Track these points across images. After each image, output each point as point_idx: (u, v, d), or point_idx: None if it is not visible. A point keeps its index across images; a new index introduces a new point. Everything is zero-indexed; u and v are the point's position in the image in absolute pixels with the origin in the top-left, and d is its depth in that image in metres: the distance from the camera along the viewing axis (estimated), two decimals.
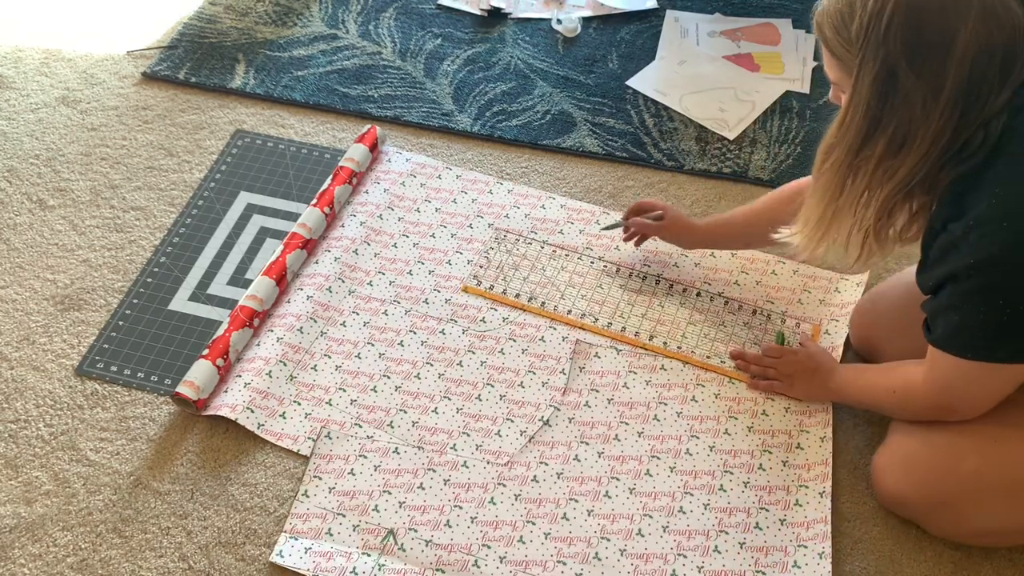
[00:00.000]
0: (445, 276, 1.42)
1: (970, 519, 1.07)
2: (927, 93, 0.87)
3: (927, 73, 0.86)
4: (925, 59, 0.86)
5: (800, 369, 1.24)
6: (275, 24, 1.86)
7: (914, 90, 0.87)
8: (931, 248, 0.95)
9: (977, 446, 1.03)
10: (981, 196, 0.88)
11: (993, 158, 0.88)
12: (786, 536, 1.13)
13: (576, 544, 1.13)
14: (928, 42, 0.86)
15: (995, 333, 0.92)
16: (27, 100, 1.70)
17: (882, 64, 0.88)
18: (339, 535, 1.14)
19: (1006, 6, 0.86)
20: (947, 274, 0.92)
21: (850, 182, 0.96)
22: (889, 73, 0.88)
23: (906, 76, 0.87)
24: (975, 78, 0.86)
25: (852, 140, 0.93)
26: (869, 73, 0.89)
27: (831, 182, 0.97)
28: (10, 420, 1.25)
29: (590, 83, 1.74)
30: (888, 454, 1.12)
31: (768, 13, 1.88)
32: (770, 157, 1.59)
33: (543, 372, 1.30)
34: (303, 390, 1.27)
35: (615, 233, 1.46)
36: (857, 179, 0.95)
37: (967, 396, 1.00)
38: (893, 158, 0.92)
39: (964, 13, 0.85)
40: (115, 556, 1.12)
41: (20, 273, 1.42)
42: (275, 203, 1.53)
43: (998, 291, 0.89)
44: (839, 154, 0.95)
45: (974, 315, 0.91)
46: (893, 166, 0.92)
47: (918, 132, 0.89)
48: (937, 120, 0.88)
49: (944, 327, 0.96)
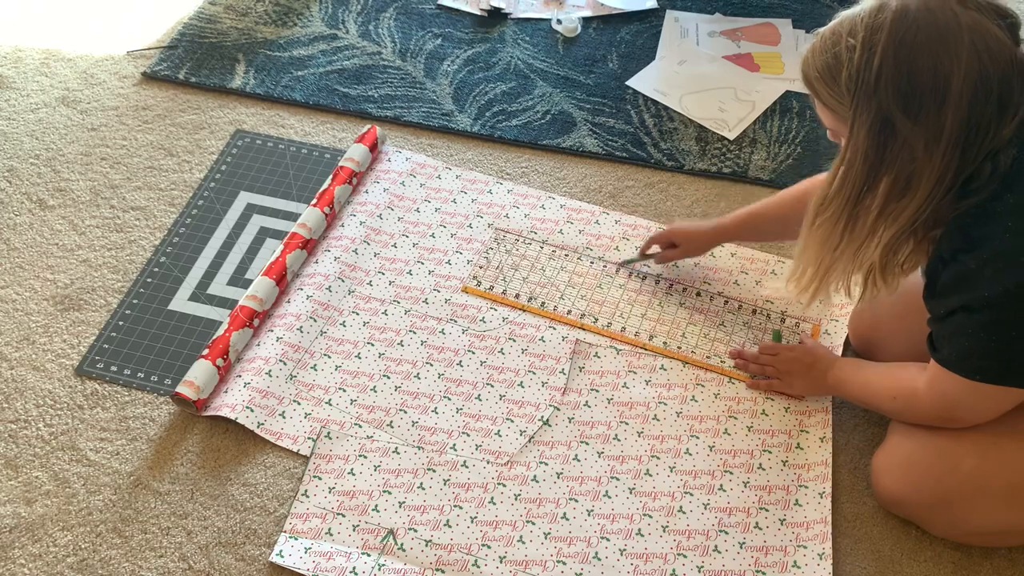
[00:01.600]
0: (445, 276, 1.42)
1: (969, 519, 1.07)
2: (927, 137, 0.85)
3: (925, 118, 0.85)
4: (922, 105, 0.85)
5: (797, 365, 1.24)
6: (275, 24, 1.86)
7: (913, 135, 0.86)
8: (939, 276, 0.94)
9: (976, 447, 1.03)
10: (994, 229, 0.87)
11: (1004, 190, 0.87)
12: (786, 536, 1.13)
13: (576, 544, 1.13)
14: (922, 87, 0.84)
15: (1006, 360, 0.92)
16: (27, 100, 1.70)
17: (876, 114, 0.86)
18: (339, 535, 1.14)
19: (996, 37, 0.84)
20: (960, 304, 0.91)
21: (849, 231, 0.94)
22: (884, 122, 0.86)
23: (903, 123, 0.86)
24: (975, 115, 0.84)
25: (851, 190, 0.91)
26: (864, 124, 0.87)
27: (829, 234, 0.95)
28: (10, 420, 1.25)
29: (590, 83, 1.74)
30: (887, 454, 1.12)
31: (768, 13, 1.88)
32: (770, 157, 1.59)
33: (543, 372, 1.30)
34: (303, 389, 1.27)
35: (616, 229, 1.46)
36: (857, 227, 0.93)
37: (971, 410, 1.00)
38: (897, 202, 0.90)
39: (956, 52, 0.83)
40: (115, 556, 1.13)
41: (20, 273, 1.42)
42: (275, 203, 1.53)
43: (1012, 325, 0.88)
44: (838, 206, 0.93)
45: (986, 344, 0.91)
46: (898, 209, 0.90)
47: (922, 175, 0.87)
48: (940, 161, 0.86)
49: (952, 350, 0.95)
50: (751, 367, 1.28)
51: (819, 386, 1.23)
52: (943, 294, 0.94)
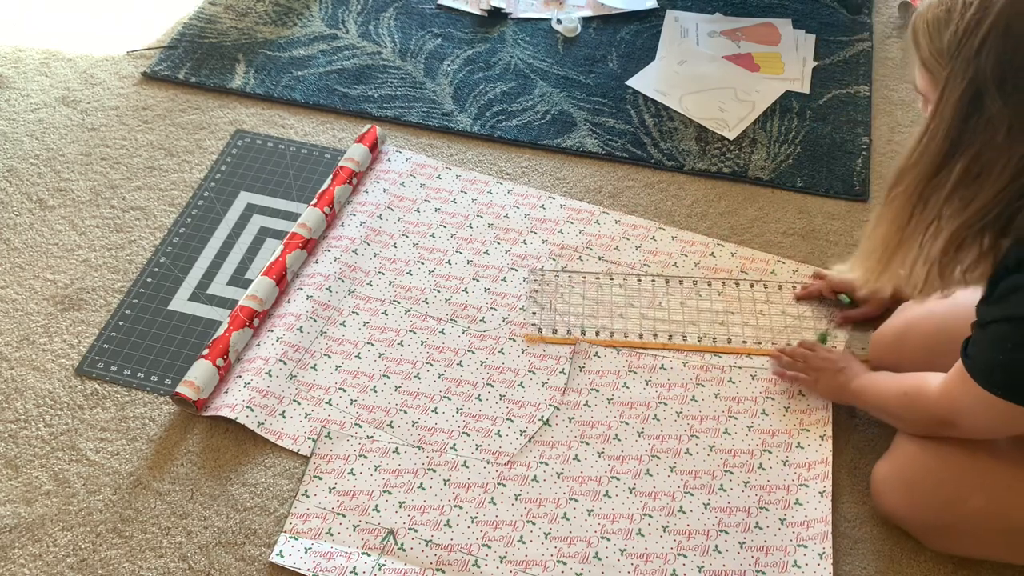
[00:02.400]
0: (445, 276, 1.42)
1: (966, 548, 1.07)
2: (1012, 122, 0.81)
3: (1015, 101, 0.80)
4: (1016, 85, 0.80)
5: (829, 365, 1.21)
6: (275, 24, 1.86)
7: (999, 116, 0.81)
8: (1000, 282, 0.89)
9: (985, 486, 1.00)
10: None
11: None
12: (786, 536, 1.13)
13: (576, 544, 1.13)
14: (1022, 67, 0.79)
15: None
16: (27, 100, 1.70)
17: (970, 83, 0.81)
18: (339, 535, 1.13)
19: None
20: (1006, 315, 0.87)
21: (919, 211, 0.90)
22: (976, 94, 0.82)
23: (992, 100, 0.81)
24: None
25: (928, 163, 0.87)
26: (956, 90, 0.83)
27: (900, 209, 0.91)
28: (10, 420, 1.25)
29: (590, 83, 1.74)
30: (891, 468, 1.10)
31: (768, 13, 1.88)
32: (770, 157, 1.59)
33: (543, 372, 1.30)
34: (303, 389, 1.27)
35: (616, 229, 1.46)
36: (927, 208, 0.89)
37: (975, 422, 0.96)
38: (967, 188, 0.85)
39: None
40: (115, 556, 1.12)
41: (20, 273, 1.42)
42: (275, 203, 1.53)
43: None
44: (912, 180, 0.89)
45: (1019, 362, 0.88)
46: (966, 197, 0.86)
47: (997, 163, 0.83)
48: (1019, 155, 0.82)
49: (983, 358, 0.91)
50: (784, 359, 1.26)
51: (842, 391, 1.19)
52: (998, 300, 0.89)
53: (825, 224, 1.48)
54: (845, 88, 1.71)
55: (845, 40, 1.81)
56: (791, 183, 1.55)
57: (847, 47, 1.79)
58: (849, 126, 1.64)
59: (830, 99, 1.69)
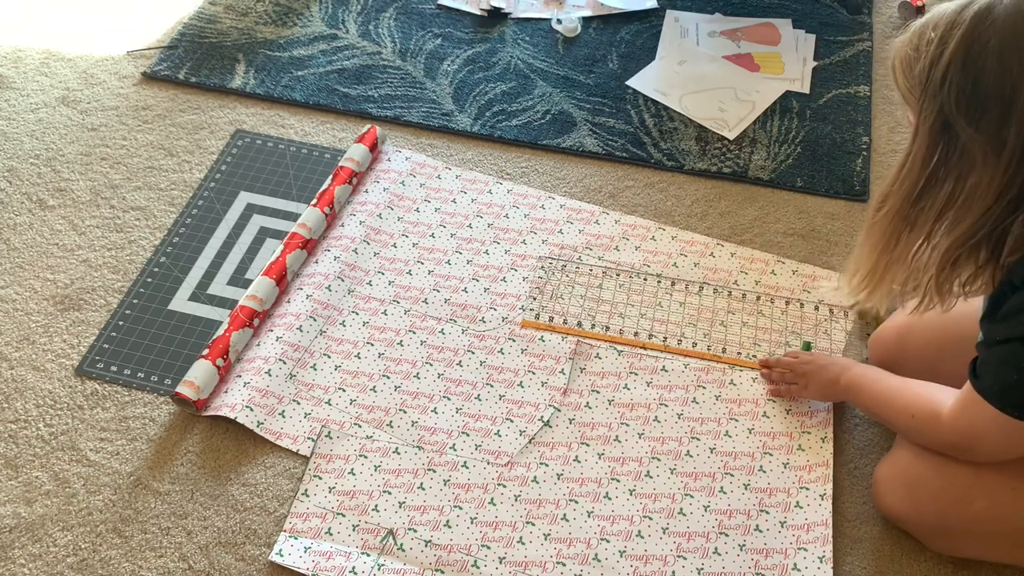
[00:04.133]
0: (444, 276, 1.42)
1: (967, 549, 1.07)
2: (987, 147, 0.82)
3: (986, 127, 0.81)
4: (984, 112, 0.81)
5: (816, 367, 1.20)
6: (275, 24, 1.86)
7: (971, 142, 0.82)
8: (1004, 301, 0.88)
9: (990, 491, 0.99)
10: None
11: None
12: (786, 538, 1.13)
13: (576, 545, 1.13)
14: (986, 96, 0.80)
15: None
16: (27, 100, 1.70)
17: (938, 114, 0.83)
18: (339, 535, 1.14)
19: None
20: (1019, 334, 0.86)
21: (906, 233, 0.91)
22: (945, 123, 0.83)
23: (962, 128, 0.82)
24: None
25: (909, 189, 0.88)
26: (927, 122, 0.85)
27: (885, 232, 0.92)
28: (10, 420, 1.25)
29: (590, 83, 1.74)
30: (893, 469, 1.09)
31: (768, 13, 1.88)
32: (770, 157, 1.59)
33: (543, 372, 1.30)
34: (302, 389, 1.27)
35: (616, 229, 1.46)
36: (914, 230, 0.90)
37: (994, 446, 0.94)
38: (956, 209, 0.86)
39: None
40: (115, 556, 1.13)
41: (20, 273, 1.42)
42: (275, 203, 1.53)
43: None
44: (894, 203, 0.90)
45: None
46: (956, 217, 0.86)
47: (980, 184, 0.83)
48: (1002, 176, 0.82)
49: (996, 380, 0.90)
50: (773, 373, 1.26)
51: (832, 388, 1.17)
52: (1005, 319, 0.87)
53: (825, 224, 1.48)
54: (845, 88, 1.71)
55: (845, 40, 1.81)
56: (791, 183, 1.55)
57: (847, 47, 1.79)
58: (849, 126, 1.64)
59: (830, 99, 1.69)
